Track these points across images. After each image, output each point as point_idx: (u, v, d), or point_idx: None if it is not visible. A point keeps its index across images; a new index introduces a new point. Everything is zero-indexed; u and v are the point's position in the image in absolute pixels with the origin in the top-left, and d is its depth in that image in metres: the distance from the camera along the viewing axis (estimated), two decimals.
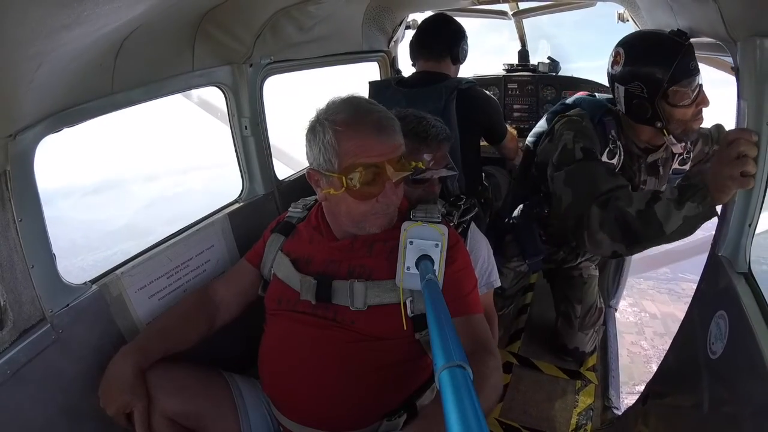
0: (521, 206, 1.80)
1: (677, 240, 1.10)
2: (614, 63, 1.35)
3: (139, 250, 1.26)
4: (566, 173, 1.33)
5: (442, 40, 1.81)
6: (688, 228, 1.06)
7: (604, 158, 1.42)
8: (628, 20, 1.83)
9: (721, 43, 1.00)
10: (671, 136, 1.34)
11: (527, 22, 2.66)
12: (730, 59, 0.97)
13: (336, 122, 0.98)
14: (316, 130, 1.01)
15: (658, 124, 1.33)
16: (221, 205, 1.58)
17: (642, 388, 1.28)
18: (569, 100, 1.63)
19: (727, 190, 0.96)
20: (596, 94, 1.65)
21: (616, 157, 1.44)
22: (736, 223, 0.96)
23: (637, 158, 1.50)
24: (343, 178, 0.97)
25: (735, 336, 0.87)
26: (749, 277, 0.93)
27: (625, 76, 1.32)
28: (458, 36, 1.82)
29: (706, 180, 1.00)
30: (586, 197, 1.22)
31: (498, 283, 1.44)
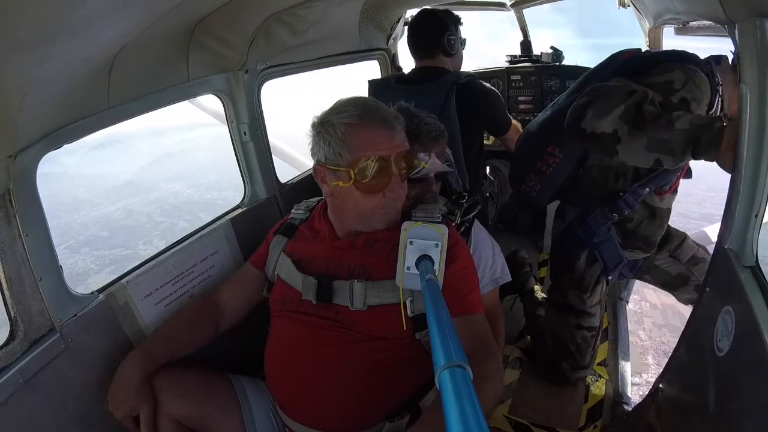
0: (579, 218, 1.56)
1: (680, 145, 1.09)
2: None
3: (144, 236, 1.29)
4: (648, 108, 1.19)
5: (428, 36, 1.81)
6: (693, 132, 1.06)
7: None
8: (629, 5, 1.77)
9: (720, 26, 0.96)
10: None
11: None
12: (731, 42, 0.93)
13: (346, 118, 1.01)
14: (324, 126, 1.03)
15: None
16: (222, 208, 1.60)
17: (635, 379, 1.25)
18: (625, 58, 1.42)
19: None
20: None
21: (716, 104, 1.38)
22: (742, 214, 0.92)
23: None
24: (352, 171, 0.99)
25: (741, 332, 0.84)
26: (756, 271, 0.90)
27: None
28: (442, 28, 1.79)
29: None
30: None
31: (507, 278, 1.42)
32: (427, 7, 1.99)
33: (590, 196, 1.53)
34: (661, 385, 1.22)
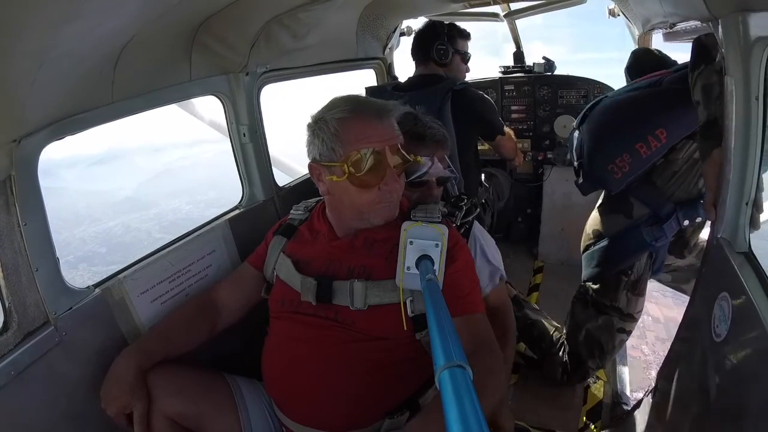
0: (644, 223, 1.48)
1: (711, 111, 1.08)
2: None
3: (142, 252, 1.29)
4: None
5: (420, 43, 1.91)
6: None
7: None
8: (618, 15, 1.84)
9: (705, 24, 1.01)
10: None
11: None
12: None
13: (338, 113, 1.02)
14: (318, 123, 1.04)
15: None
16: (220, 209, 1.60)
17: (639, 395, 1.23)
18: None
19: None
20: None
21: None
22: (733, 203, 0.95)
23: None
24: (346, 164, 0.99)
25: (739, 316, 0.85)
26: (750, 257, 0.92)
27: None
28: (433, 37, 1.88)
29: None
30: None
31: (505, 276, 1.42)
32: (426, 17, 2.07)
33: (663, 191, 1.44)
34: (659, 385, 1.22)
